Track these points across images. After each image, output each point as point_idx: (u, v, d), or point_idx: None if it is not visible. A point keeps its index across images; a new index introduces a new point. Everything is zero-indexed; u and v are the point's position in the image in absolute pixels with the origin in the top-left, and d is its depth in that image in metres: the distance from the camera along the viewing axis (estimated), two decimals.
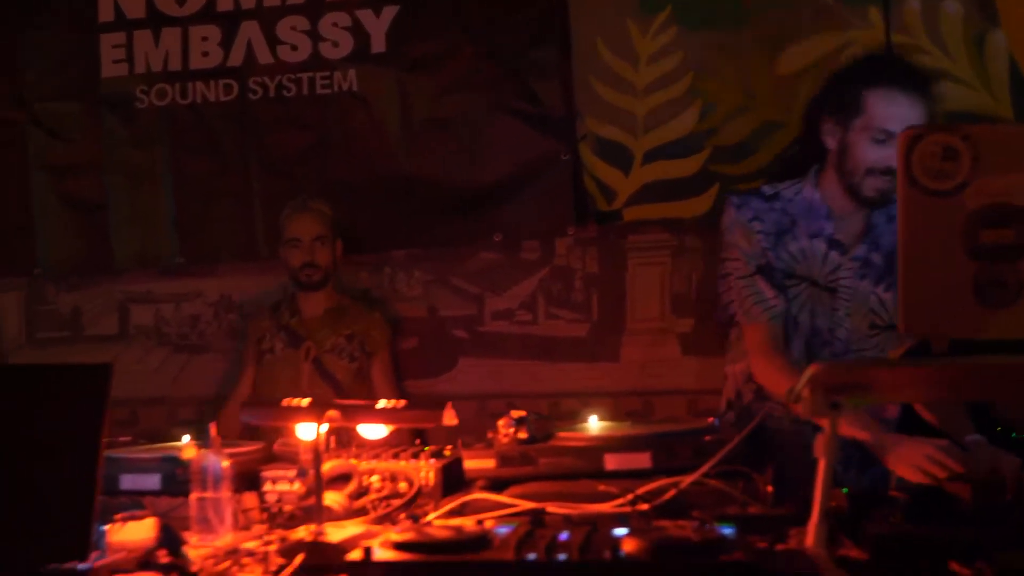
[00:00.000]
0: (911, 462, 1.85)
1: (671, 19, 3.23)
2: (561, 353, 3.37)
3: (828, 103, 2.34)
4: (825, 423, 1.35)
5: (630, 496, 1.63)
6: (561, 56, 3.32)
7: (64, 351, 3.65)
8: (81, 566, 1.40)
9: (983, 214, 1.22)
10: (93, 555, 1.44)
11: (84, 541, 1.41)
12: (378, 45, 3.42)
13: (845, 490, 1.53)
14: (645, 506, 1.60)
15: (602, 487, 1.68)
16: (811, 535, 1.32)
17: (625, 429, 1.97)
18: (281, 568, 1.41)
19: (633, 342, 3.36)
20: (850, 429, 1.95)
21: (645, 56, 3.28)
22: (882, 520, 1.41)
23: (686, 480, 1.62)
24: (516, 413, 1.86)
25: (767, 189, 2.40)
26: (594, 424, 2.01)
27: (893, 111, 2.22)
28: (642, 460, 1.75)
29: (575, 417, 2.17)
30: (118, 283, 3.67)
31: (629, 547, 1.26)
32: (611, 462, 1.76)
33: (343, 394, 3.14)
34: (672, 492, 1.62)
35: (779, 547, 1.42)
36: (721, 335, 2.63)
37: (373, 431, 1.83)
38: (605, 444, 1.79)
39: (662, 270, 3.34)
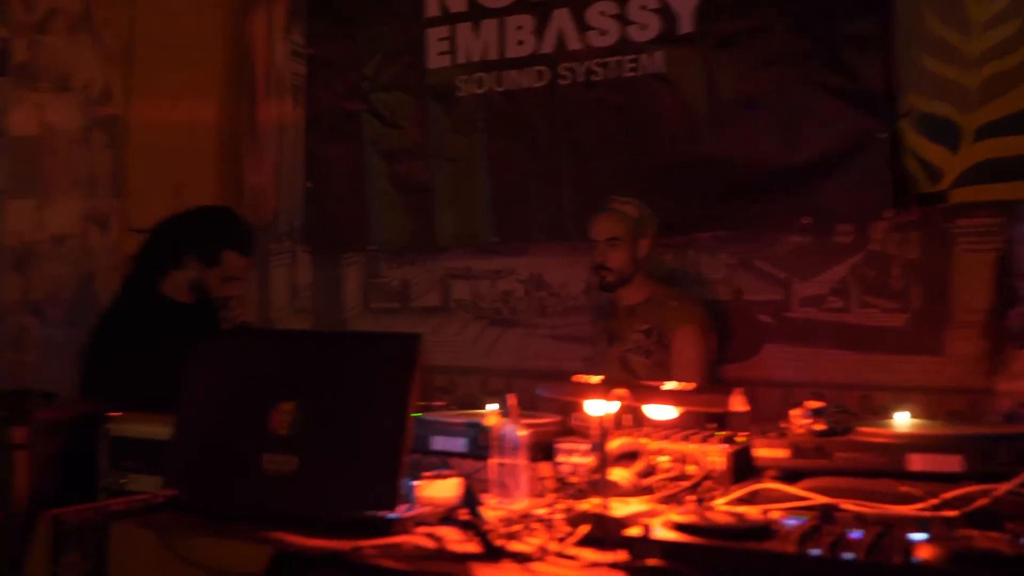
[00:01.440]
0: None
1: None
2: (875, 344, 3.17)
3: None
4: None
5: (935, 500, 1.51)
6: (882, 28, 3.10)
7: (393, 320, 4.01)
8: (390, 515, 1.54)
9: None
10: (402, 507, 1.57)
11: (392, 493, 1.55)
12: (686, 25, 3.40)
13: None
14: (952, 512, 1.48)
15: (904, 488, 1.57)
16: None
17: (935, 428, 1.82)
18: (566, 536, 1.47)
19: (960, 335, 3.08)
20: None
21: (979, 22, 2.97)
22: None
23: (1002, 488, 1.48)
24: (813, 404, 1.79)
25: None
26: (902, 421, 1.88)
27: None
28: (952, 463, 1.62)
29: (885, 412, 2.04)
30: (440, 260, 3.95)
31: (924, 553, 1.18)
32: (916, 463, 1.64)
33: None
34: (984, 500, 1.48)
35: None
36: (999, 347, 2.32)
37: (660, 412, 1.84)
38: (910, 443, 1.67)
39: (995, 257, 3.03)
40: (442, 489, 1.67)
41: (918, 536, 1.25)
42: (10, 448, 2.36)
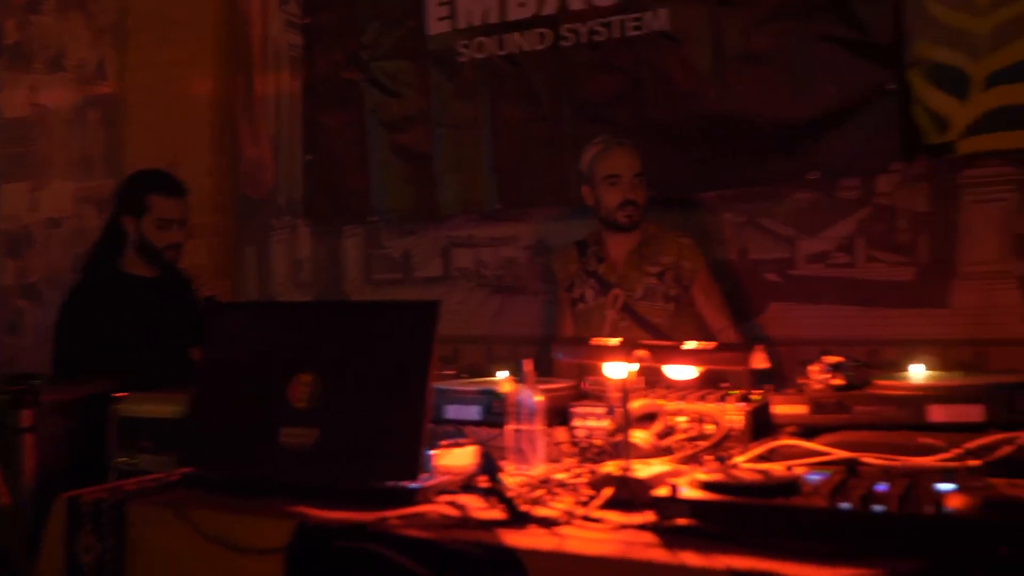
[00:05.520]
0: None
1: None
2: (882, 298, 3.16)
3: None
4: None
5: (958, 450, 1.51)
6: None
7: (395, 291, 4.00)
8: (412, 484, 1.54)
9: None
10: (422, 476, 1.56)
11: (414, 463, 1.54)
12: None
13: None
14: (976, 462, 1.47)
15: (925, 440, 1.56)
16: None
17: (955, 379, 1.81)
18: (591, 499, 1.46)
19: (966, 287, 3.07)
20: None
21: None
22: None
23: None
24: (831, 359, 1.79)
25: None
26: (918, 373, 1.87)
27: None
28: (974, 413, 1.62)
29: (896, 366, 2.03)
30: (443, 228, 3.93)
31: (955, 503, 1.17)
32: (937, 413, 1.64)
33: (665, 339, 2.95)
34: (1009, 448, 1.48)
35: None
36: None
37: (681, 372, 1.83)
38: (931, 394, 1.67)
39: (1003, 207, 3.01)
40: (460, 457, 1.66)
41: (946, 486, 1.24)
42: (17, 431, 2.37)
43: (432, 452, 1.66)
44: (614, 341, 1.74)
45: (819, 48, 3.15)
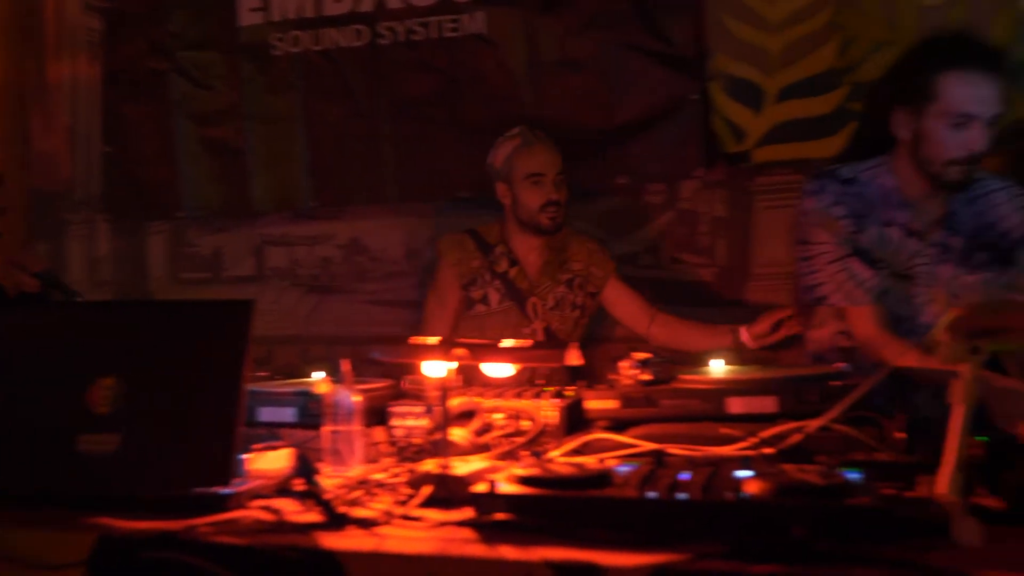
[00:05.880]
0: (1009, 415, 1.75)
1: None
2: (686, 298, 3.33)
3: (897, 92, 2.18)
4: (964, 369, 1.30)
5: (754, 439, 1.61)
6: None
7: (204, 291, 3.85)
8: (225, 491, 1.48)
9: None
10: (235, 481, 1.51)
11: (227, 468, 1.48)
12: None
13: (985, 439, 1.47)
14: (769, 450, 1.58)
15: (725, 430, 1.66)
16: (943, 482, 1.28)
17: (751, 372, 1.93)
18: (410, 498, 1.46)
19: (760, 287, 3.29)
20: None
21: None
22: (1022, 469, 1.35)
23: (812, 424, 1.59)
24: (639, 355, 1.86)
25: (845, 172, 2.26)
26: (719, 368, 1.99)
27: (970, 92, 2.07)
28: (768, 404, 1.73)
29: (700, 362, 2.14)
30: (256, 226, 3.82)
31: (752, 488, 1.25)
32: (735, 405, 1.74)
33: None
34: (798, 436, 1.59)
35: (908, 494, 1.38)
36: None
37: (498, 370, 1.86)
38: (730, 387, 1.77)
39: (791, 213, 3.23)
40: (274, 460, 1.62)
41: (744, 473, 1.32)
42: None
43: (245, 456, 1.61)
44: (432, 340, 1.74)
45: (629, 58, 3.29)
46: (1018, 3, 2.94)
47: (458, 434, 1.74)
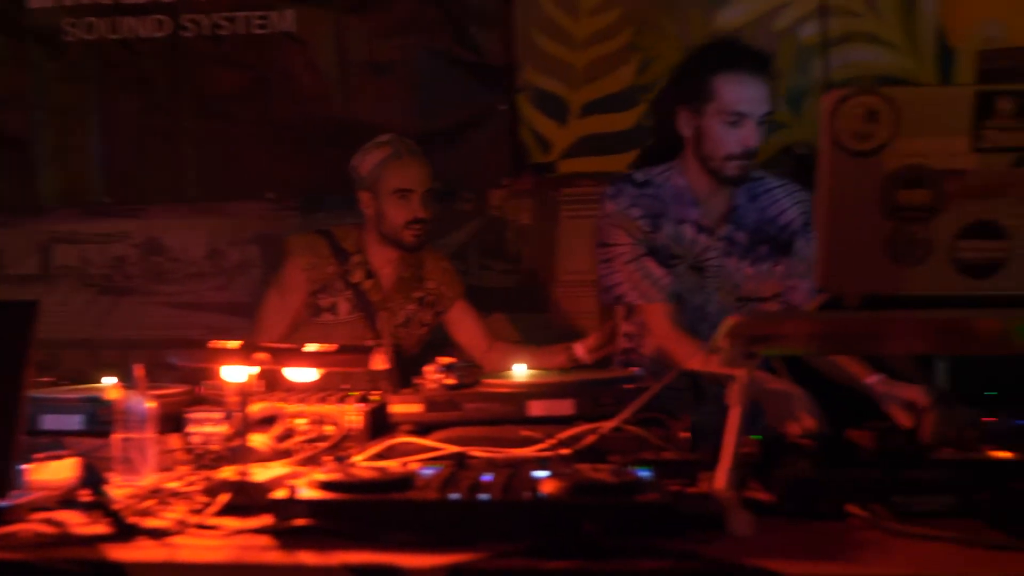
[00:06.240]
0: (779, 415, 1.93)
1: None
2: (493, 303, 3.40)
3: (679, 93, 2.37)
4: (741, 372, 1.40)
5: (552, 441, 1.67)
6: (503, 4, 3.31)
7: None
8: (0, 504, 1.39)
9: (900, 175, 1.27)
10: (13, 493, 1.42)
11: (3, 479, 1.40)
12: None
13: (758, 437, 1.59)
14: (566, 451, 1.64)
15: (525, 432, 1.71)
16: (720, 478, 1.37)
17: (550, 377, 2.00)
18: (205, 507, 1.42)
19: (564, 293, 3.41)
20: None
21: (587, 8, 3.29)
22: (790, 465, 1.47)
23: (606, 426, 1.67)
24: (444, 360, 1.88)
25: (639, 176, 2.43)
26: (521, 372, 2.04)
27: (742, 92, 2.27)
28: (565, 407, 1.79)
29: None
30: (43, 222, 3.60)
31: (548, 488, 1.30)
32: (535, 408, 1.80)
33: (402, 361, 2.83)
34: (592, 437, 1.66)
35: (691, 490, 1.48)
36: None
37: (302, 375, 1.84)
38: (530, 391, 1.82)
39: (593, 223, 3.37)
40: (57, 471, 1.54)
41: (541, 473, 1.37)
42: None
43: (25, 466, 1.51)
44: (233, 344, 1.70)
45: (439, 66, 3.33)
46: (798, 36, 3.21)
47: (258, 440, 1.70)
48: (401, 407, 1.84)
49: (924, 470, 1.43)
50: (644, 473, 1.39)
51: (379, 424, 1.84)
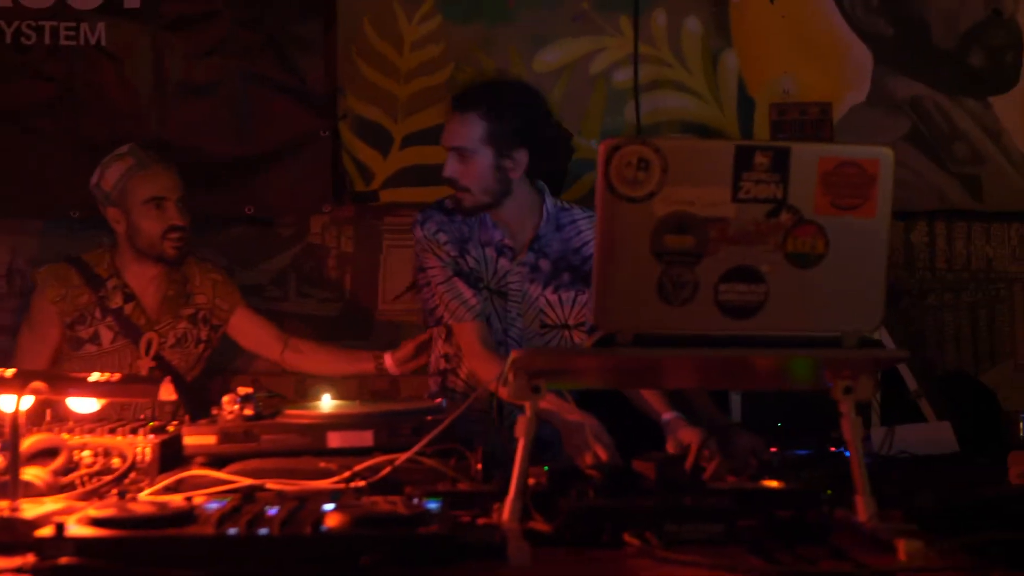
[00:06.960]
0: (575, 445, 2.02)
1: (435, 9, 3.34)
2: (312, 331, 3.35)
3: None
4: (526, 405, 1.45)
5: (348, 473, 1.67)
6: (325, 31, 3.31)
7: None
8: None
9: (668, 221, 1.35)
10: None
11: None
12: (131, 0, 3.26)
13: (546, 468, 1.64)
14: (362, 483, 1.64)
15: (323, 464, 1.70)
16: (506, 510, 1.41)
17: (353, 408, 2.00)
18: None
19: (384, 322, 3.41)
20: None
21: (409, 42, 3.34)
22: (575, 495, 1.52)
23: (401, 457, 1.68)
24: (243, 390, 1.85)
25: (448, 203, 2.52)
26: (326, 403, 2.03)
27: (451, 129, 2.43)
28: (365, 438, 1.79)
29: (316, 396, 2.18)
30: None
31: (331, 521, 1.29)
32: (334, 440, 1.79)
33: (183, 383, 2.76)
34: (388, 469, 1.67)
35: (481, 521, 1.51)
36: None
37: (84, 404, 1.77)
38: (329, 422, 1.82)
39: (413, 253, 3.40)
40: None
41: (328, 506, 1.37)
42: None
43: None
44: (8, 372, 1.62)
45: (259, 89, 3.29)
46: (612, 81, 3.37)
47: (34, 473, 1.62)
48: (194, 439, 1.79)
49: (697, 499, 1.51)
50: (432, 505, 1.40)
51: (173, 456, 1.79)
